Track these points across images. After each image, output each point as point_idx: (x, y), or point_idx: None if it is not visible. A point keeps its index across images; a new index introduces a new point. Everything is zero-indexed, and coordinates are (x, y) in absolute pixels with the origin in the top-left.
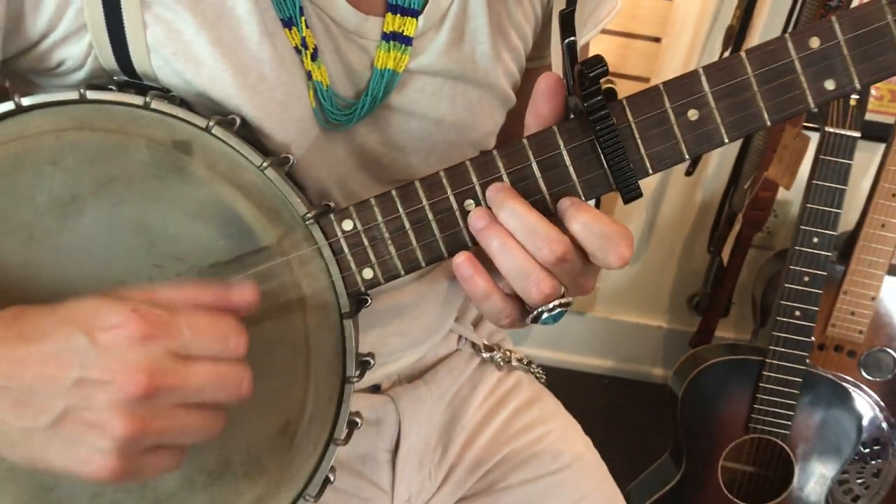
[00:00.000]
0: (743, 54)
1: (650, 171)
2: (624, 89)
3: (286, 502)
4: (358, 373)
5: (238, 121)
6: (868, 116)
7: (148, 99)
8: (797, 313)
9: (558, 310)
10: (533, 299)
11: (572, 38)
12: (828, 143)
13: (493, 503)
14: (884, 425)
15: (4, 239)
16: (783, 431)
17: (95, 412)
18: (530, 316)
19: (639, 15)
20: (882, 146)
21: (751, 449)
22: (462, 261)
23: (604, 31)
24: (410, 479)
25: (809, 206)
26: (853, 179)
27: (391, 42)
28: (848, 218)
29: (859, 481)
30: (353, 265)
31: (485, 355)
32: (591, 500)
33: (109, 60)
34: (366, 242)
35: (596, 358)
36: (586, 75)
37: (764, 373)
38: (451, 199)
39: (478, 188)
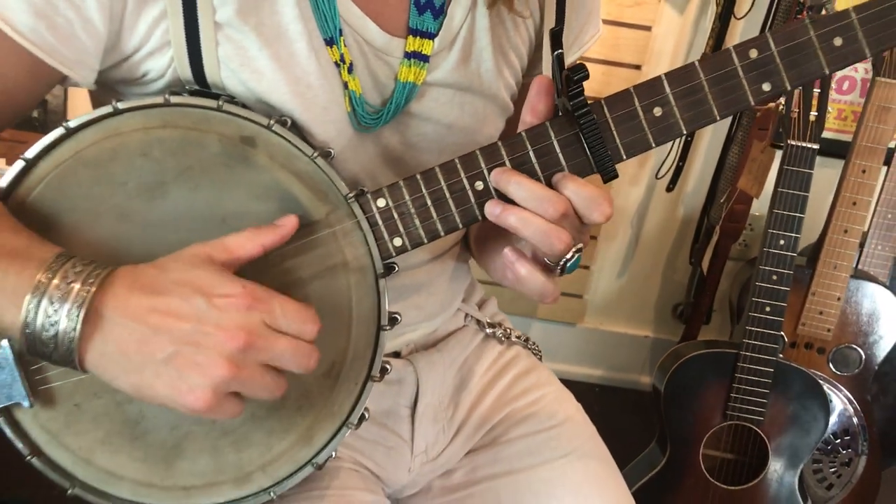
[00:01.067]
0: (696, 63)
1: (624, 157)
2: None
3: (331, 430)
4: (388, 323)
5: (289, 121)
6: (832, 136)
7: (220, 102)
8: (767, 309)
9: (576, 256)
10: (558, 251)
11: (560, 51)
12: (790, 155)
13: (496, 454)
14: (854, 418)
15: (102, 217)
16: (758, 418)
17: (202, 355)
18: (558, 269)
19: (620, 44)
20: (843, 162)
21: (729, 436)
22: (510, 253)
23: (588, 60)
24: (427, 432)
25: (776, 211)
26: (820, 192)
27: (412, 59)
28: (816, 227)
29: (832, 470)
30: (385, 235)
31: (488, 331)
32: (582, 452)
33: (186, 72)
34: (396, 216)
35: (587, 367)
36: (572, 79)
37: (739, 364)
38: (464, 180)
39: (485, 172)
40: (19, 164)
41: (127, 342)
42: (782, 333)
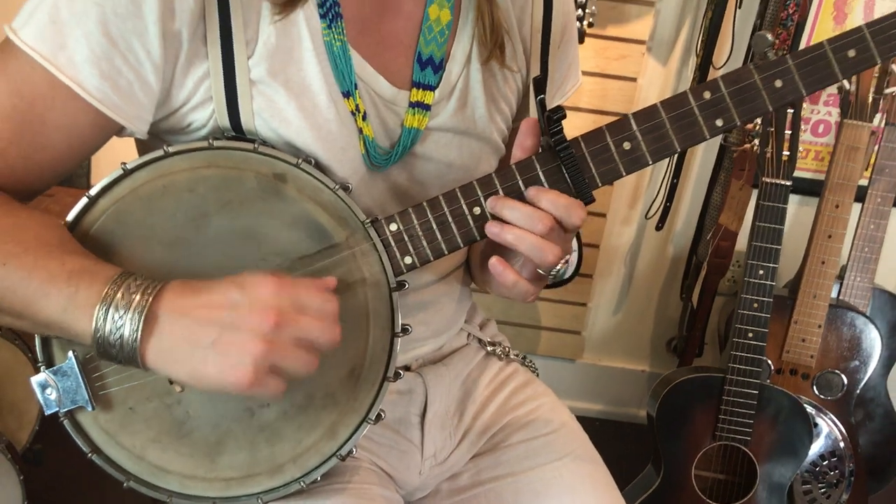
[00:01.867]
0: (658, 104)
1: (599, 184)
2: None
3: (353, 426)
4: (401, 331)
5: (313, 161)
6: (811, 175)
7: (256, 145)
8: (750, 335)
9: (564, 266)
10: (550, 262)
11: (542, 96)
12: (766, 192)
13: (498, 458)
14: (840, 441)
15: (154, 244)
16: (746, 438)
17: (241, 336)
18: (550, 277)
19: (608, 94)
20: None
21: (719, 456)
22: (496, 262)
23: (579, 109)
24: (435, 438)
25: (754, 243)
26: (801, 227)
27: (416, 108)
28: (798, 259)
29: (821, 491)
30: (397, 254)
31: (489, 349)
32: (576, 455)
33: (225, 121)
34: (406, 238)
35: (587, 402)
36: (553, 119)
37: (725, 387)
38: (464, 206)
39: (482, 199)
40: (83, 201)
41: (178, 335)
42: (766, 359)
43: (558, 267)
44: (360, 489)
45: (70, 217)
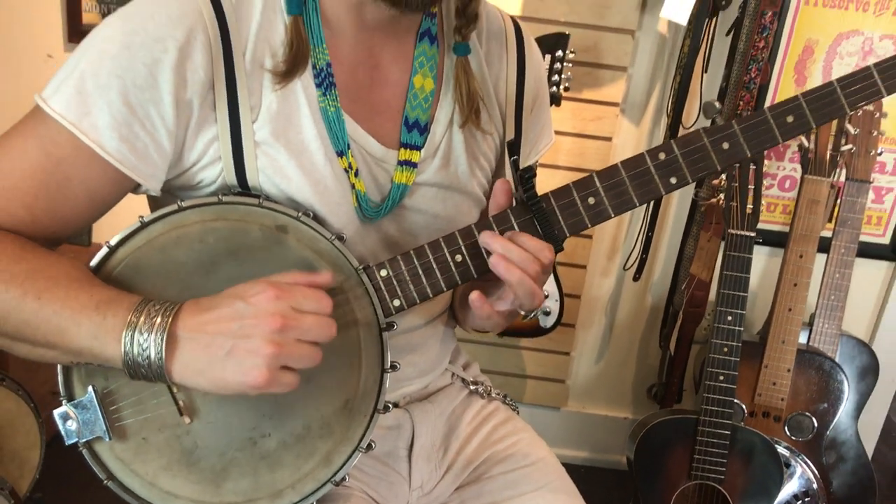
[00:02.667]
0: (619, 163)
1: (567, 235)
2: None
3: (346, 454)
4: (390, 368)
5: (311, 213)
6: (779, 228)
7: (260, 200)
8: (721, 378)
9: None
10: (535, 306)
11: (515, 157)
12: (732, 242)
13: (481, 488)
14: (813, 482)
15: (168, 289)
16: (720, 476)
17: (252, 342)
18: (528, 317)
19: (585, 153)
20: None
21: (696, 495)
22: (476, 296)
23: (558, 167)
24: (421, 470)
25: (723, 291)
26: (771, 278)
27: (404, 166)
28: (768, 308)
29: None
30: (387, 297)
31: (472, 388)
32: (553, 486)
33: (232, 179)
34: (395, 283)
35: (572, 449)
36: (525, 178)
37: (699, 428)
38: (447, 254)
39: (463, 247)
40: (104, 250)
41: (197, 350)
42: (739, 402)
43: (538, 311)
44: None
45: (92, 264)
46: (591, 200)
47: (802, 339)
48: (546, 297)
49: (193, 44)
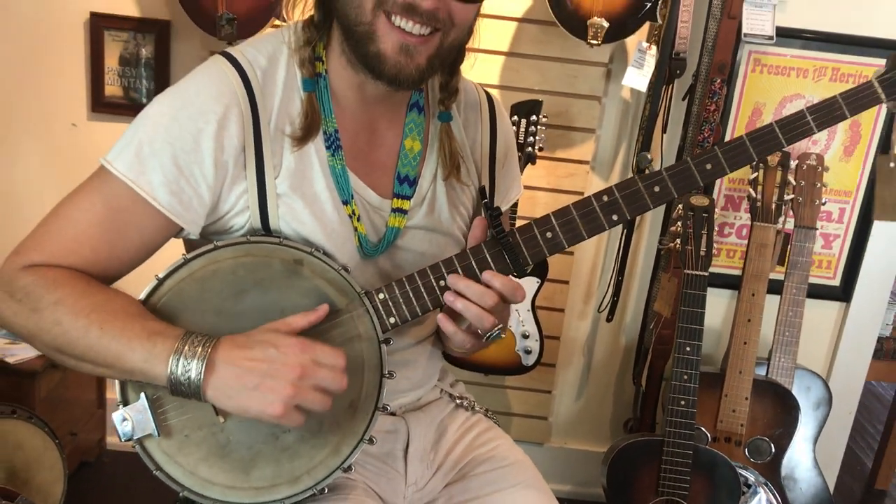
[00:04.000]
0: (570, 205)
1: (531, 263)
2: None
3: (352, 445)
4: (388, 375)
5: (322, 250)
6: (735, 272)
7: (281, 240)
8: (682, 403)
9: (497, 331)
10: (486, 327)
11: (486, 200)
12: (688, 281)
13: (466, 484)
14: (772, 501)
15: (206, 313)
16: (684, 492)
17: (275, 382)
18: (484, 338)
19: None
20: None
21: None
22: (441, 317)
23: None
24: (416, 468)
25: (681, 325)
26: (730, 317)
27: (396, 213)
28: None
29: None
30: (384, 316)
31: (458, 402)
32: (527, 483)
33: (257, 223)
34: (390, 304)
35: (556, 484)
36: (493, 217)
37: (664, 448)
38: (432, 280)
39: (445, 274)
40: (154, 282)
41: (230, 379)
42: (703, 428)
43: (493, 332)
44: (358, 500)
45: (142, 295)
46: (549, 234)
47: (762, 372)
48: (527, 336)
49: (229, 116)
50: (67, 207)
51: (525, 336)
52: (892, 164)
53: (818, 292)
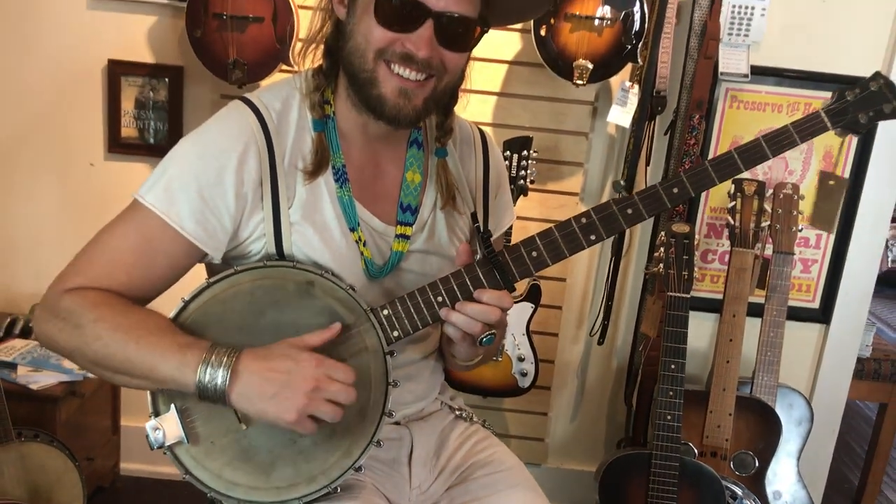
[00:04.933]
0: (552, 227)
1: (518, 279)
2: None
3: (362, 447)
4: (392, 384)
5: (331, 272)
6: (720, 297)
7: (294, 263)
8: (668, 417)
9: (487, 336)
10: (477, 333)
11: (478, 224)
12: (671, 303)
13: (466, 487)
14: None
15: (228, 330)
16: (672, 502)
17: (292, 392)
18: (477, 342)
19: None
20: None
21: None
22: (448, 322)
23: None
24: (419, 473)
25: (665, 344)
26: (712, 337)
27: (400, 238)
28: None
29: None
30: (388, 330)
31: (457, 413)
32: (523, 486)
33: (272, 250)
34: (394, 319)
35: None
36: (485, 239)
37: (652, 461)
38: (430, 296)
39: (442, 291)
40: (181, 304)
41: (252, 385)
42: (685, 439)
43: (485, 336)
44: (368, 499)
45: (171, 315)
46: (534, 254)
47: (747, 390)
48: (522, 359)
49: (248, 154)
50: (104, 237)
51: (521, 359)
52: (831, 182)
53: (799, 315)
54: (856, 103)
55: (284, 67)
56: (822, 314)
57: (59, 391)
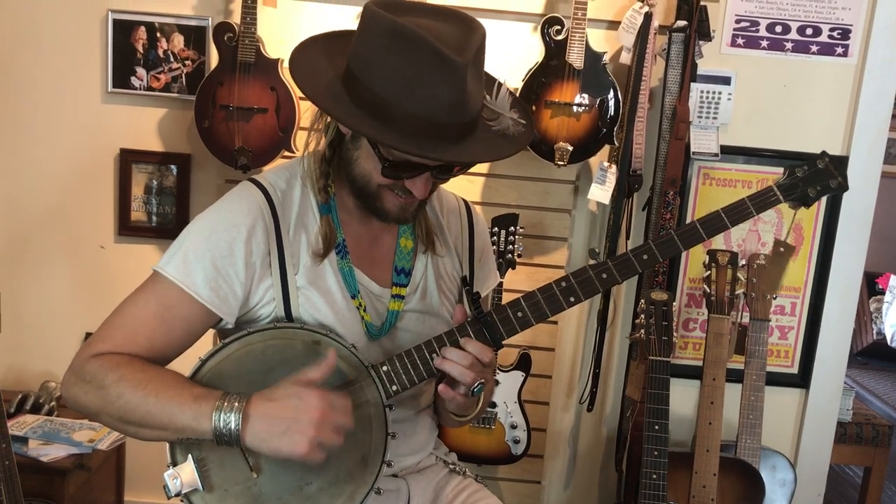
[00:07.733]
0: (535, 290)
1: (506, 338)
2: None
3: (364, 494)
4: (391, 435)
5: (335, 332)
6: (699, 363)
7: (301, 325)
8: (654, 476)
9: (479, 386)
10: (468, 382)
11: (468, 287)
12: (653, 366)
13: None
14: None
15: (241, 386)
16: None
17: (301, 425)
18: (470, 392)
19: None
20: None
21: None
22: (442, 386)
23: None
24: None
25: (648, 405)
26: (696, 403)
27: (395, 299)
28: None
29: None
30: (388, 385)
31: (451, 468)
32: None
33: (281, 313)
34: (392, 374)
35: None
36: (474, 300)
37: None
38: (426, 352)
39: (437, 349)
40: (197, 363)
41: (263, 425)
42: (672, 499)
43: (476, 386)
44: None
45: (188, 373)
46: (520, 314)
47: (731, 453)
48: (515, 427)
49: (257, 227)
50: (127, 306)
51: (513, 427)
52: (781, 249)
53: (779, 380)
54: (805, 179)
55: (287, 154)
56: (801, 379)
57: (69, 464)
